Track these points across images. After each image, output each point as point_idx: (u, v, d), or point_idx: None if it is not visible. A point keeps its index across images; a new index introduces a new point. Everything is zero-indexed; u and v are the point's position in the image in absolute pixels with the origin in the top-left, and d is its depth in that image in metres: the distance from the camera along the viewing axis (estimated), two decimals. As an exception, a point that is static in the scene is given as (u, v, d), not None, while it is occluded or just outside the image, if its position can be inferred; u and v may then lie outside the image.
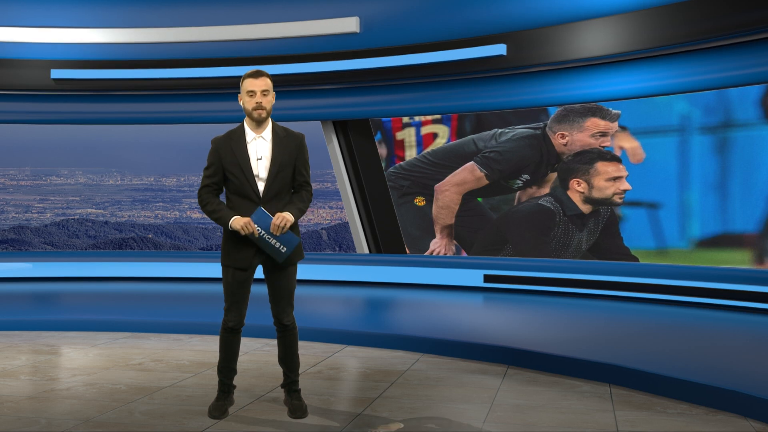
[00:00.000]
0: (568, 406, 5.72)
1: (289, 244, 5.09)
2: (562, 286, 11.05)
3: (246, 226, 5.03)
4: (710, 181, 10.75)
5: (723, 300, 9.80)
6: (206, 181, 5.21)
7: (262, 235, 5.04)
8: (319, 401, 5.77)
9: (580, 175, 11.45)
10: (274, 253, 5.10)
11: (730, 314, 9.45)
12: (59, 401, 5.80)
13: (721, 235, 10.75)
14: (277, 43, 12.13)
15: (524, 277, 11.36)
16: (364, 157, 12.85)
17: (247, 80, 5.18)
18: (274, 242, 5.06)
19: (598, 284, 10.79)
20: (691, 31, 9.35)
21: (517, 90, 11.28)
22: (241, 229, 5.03)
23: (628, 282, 10.57)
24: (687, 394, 5.85)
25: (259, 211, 5.05)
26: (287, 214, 5.08)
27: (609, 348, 7.36)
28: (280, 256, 5.11)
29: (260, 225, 5.04)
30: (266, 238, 5.05)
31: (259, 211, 5.05)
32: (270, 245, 5.07)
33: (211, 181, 5.20)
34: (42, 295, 11.62)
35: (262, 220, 5.04)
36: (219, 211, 5.15)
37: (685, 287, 10.12)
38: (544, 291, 11.20)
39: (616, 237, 11.39)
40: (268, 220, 5.03)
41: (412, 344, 7.76)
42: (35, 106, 13.05)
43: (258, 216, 5.04)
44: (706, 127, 10.76)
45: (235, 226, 5.05)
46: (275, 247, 5.08)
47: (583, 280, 10.90)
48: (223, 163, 5.16)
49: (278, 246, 5.07)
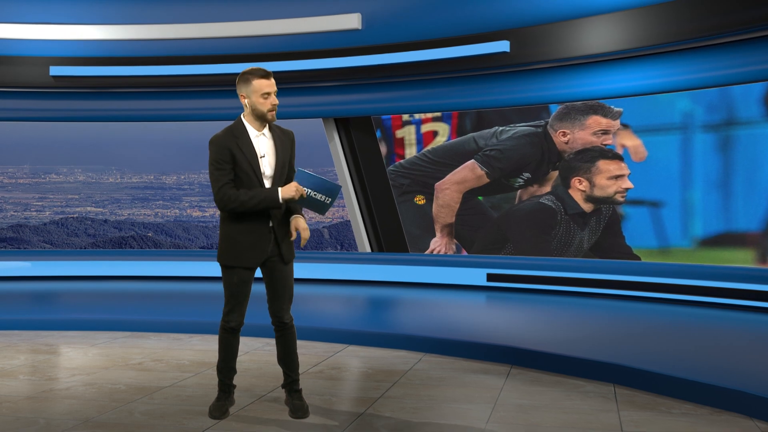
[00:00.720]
0: (572, 406, 5.73)
1: (333, 194, 5.22)
2: (565, 285, 11.05)
3: (297, 189, 5.09)
4: (713, 179, 10.74)
5: (727, 299, 9.81)
6: (223, 179, 5.10)
7: (309, 193, 5.16)
8: (320, 401, 5.78)
9: (581, 173, 11.45)
10: (320, 207, 5.23)
11: (735, 313, 9.45)
12: (58, 401, 5.81)
13: (723, 234, 10.75)
14: (278, 40, 12.15)
15: (528, 276, 11.36)
16: (366, 154, 12.86)
17: (258, 81, 5.11)
18: (320, 197, 5.18)
19: (603, 283, 10.80)
20: (695, 27, 9.36)
21: (521, 87, 11.28)
22: (295, 194, 5.08)
23: (633, 281, 10.57)
24: (692, 394, 5.85)
25: (300, 171, 5.18)
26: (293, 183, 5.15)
27: (613, 347, 7.37)
28: (325, 209, 5.24)
29: (304, 184, 5.17)
30: (312, 195, 5.18)
31: (300, 171, 5.18)
32: (316, 201, 5.20)
33: (228, 179, 5.11)
34: (41, 294, 11.63)
35: (304, 179, 5.17)
36: (257, 195, 5.10)
37: (689, 286, 10.13)
38: (548, 290, 11.20)
39: (618, 236, 11.40)
40: (309, 177, 5.17)
41: (415, 344, 7.77)
42: (34, 104, 13.07)
43: (300, 177, 5.17)
44: (709, 125, 10.76)
45: (288, 194, 5.08)
46: (321, 202, 5.20)
47: (587, 279, 10.91)
48: (234, 161, 5.12)
49: (323, 199, 5.19)
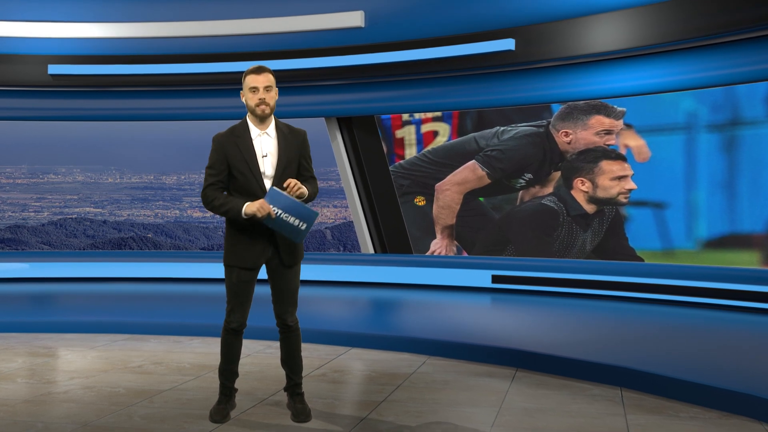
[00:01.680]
0: (578, 409, 5.72)
1: (308, 220, 5.00)
2: (571, 287, 11.05)
3: (262, 207, 4.96)
4: (718, 180, 10.72)
5: (734, 301, 9.81)
6: (211, 179, 5.16)
7: (279, 215, 4.95)
8: (323, 405, 5.78)
9: (584, 174, 11.44)
10: (293, 233, 5.01)
11: (743, 315, 9.46)
12: (56, 405, 5.81)
13: (728, 235, 10.73)
14: (280, 38, 12.14)
15: (533, 277, 11.36)
16: (369, 154, 12.85)
17: (249, 76, 5.15)
18: (292, 220, 4.96)
19: (609, 285, 10.80)
20: (704, 25, 9.35)
21: (526, 86, 11.27)
22: (258, 211, 4.96)
23: (639, 283, 10.57)
24: (699, 397, 5.85)
25: (272, 191, 4.97)
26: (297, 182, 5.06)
27: (620, 350, 7.37)
28: (300, 235, 5.02)
29: (276, 205, 4.95)
30: (283, 217, 4.96)
31: (272, 191, 4.97)
32: (288, 224, 4.98)
33: (216, 180, 5.16)
34: (39, 296, 11.64)
35: (276, 199, 4.95)
36: (227, 203, 5.08)
37: (695, 288, 10.13)
38: (554, 292, 11.20)
39: (621, 237, 11.38)
40: (282, 198, 4.95)
41: (419, 346, 7.77)
42: (32, 103, 13.08)
43: (272, 196, 4.96)
44: (714, 125, 10.74)
45: (250, 211, 4.98)
46: (294, 226, 4.98)
47: (594, 280, 10.91)
48: (229, 160, 5.13)
49: (297, 224, 4.97)
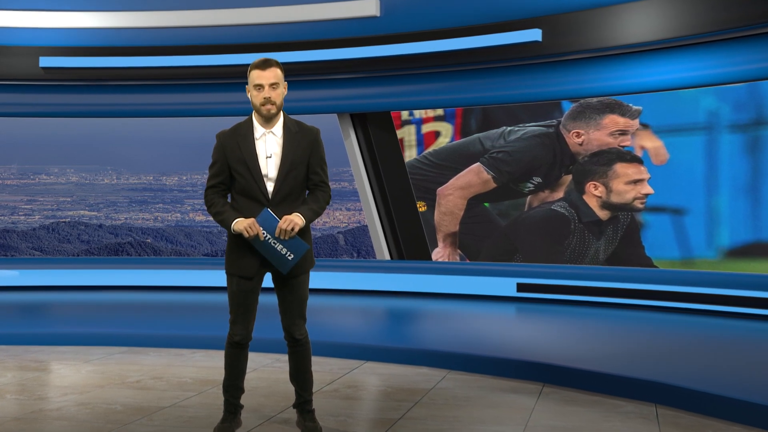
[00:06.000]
0: (610, 428, 5.73)
1: (297, 251, 4.99)
2: (603, 296, 10.98)
3: (250, 227, 4.97)
4: (741, 184, 10.66)
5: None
6: (212, 180, 5.19)
7: (267, 239, 4.95)
8: (335, 423, 5.79)
9: (597, 177, 11.40)
10: (279, 262, 5.01)
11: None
12: (48, 423, 5.83)
13: (752, 243, 10.66)
14: (289, 28, 12.15)
15: (562, 285, 11.29)
16: (385, 153, 12.84)
17: (254, 71, 5.12)
18: (279, 248, 4.96)
19: (643, 294, 10.69)
20: (745, 14, 9.32)
21: (554, 79, 11.25)
22: (245, 231, 4.98)
23: (677, 291, 10.45)
24: (741, 414, 5.82)
25: (265, 212, 4.97)
26: (296, 216, 5.01)
27: (654, 364, 7.36)
28: (286, 265, 5.02)
29: (265, 228, 4.95)
30: (271, 243, 4.95)
31: (265, 212, 4.97)
32: (275, 252, 4.98)
33: (217, 181, 5.18)
34: (30, 306, 11.69)
35: (267, 222, 4.95)
36: (223, 212, 5.11)
37: (729, 296, 10.01)
38: (583, 301, 11.14)
39: (637, 246, 11.31)
40: (274, 223, 4.95)
41: (438, 360, 7.77)
42: (22, 98, 13.12)
43: (263, 218, 4.97)
44: (737, 125, 10.69)
45: (237, 228, 5.01)
46: (280, 254, 4.98)
47: (626, 289, 10.81)
48: (229, 161, 5.14)
49: (284, 253, 4.97)
